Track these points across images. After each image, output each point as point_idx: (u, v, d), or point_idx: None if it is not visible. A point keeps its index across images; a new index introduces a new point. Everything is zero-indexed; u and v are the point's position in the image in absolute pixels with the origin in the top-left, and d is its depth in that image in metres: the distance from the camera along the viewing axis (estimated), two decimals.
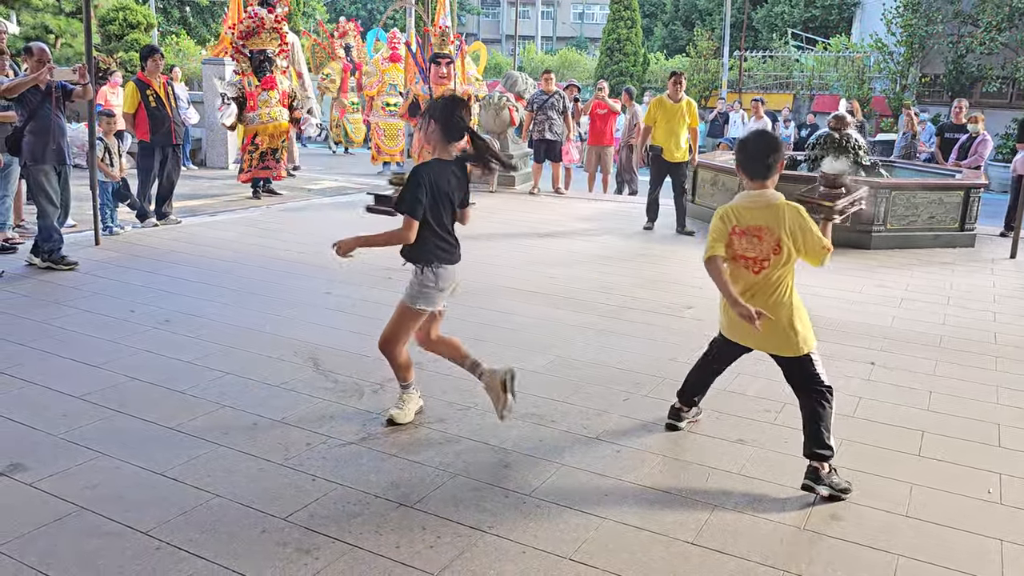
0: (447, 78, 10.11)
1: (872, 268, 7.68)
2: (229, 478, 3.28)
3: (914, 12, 21.09)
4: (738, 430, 3.90)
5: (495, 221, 9.74)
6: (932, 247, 8.73)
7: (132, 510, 3.02)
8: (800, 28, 29.15)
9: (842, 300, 6.42)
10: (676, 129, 9.02)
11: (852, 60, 23.05)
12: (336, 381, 4.36)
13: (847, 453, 3.68)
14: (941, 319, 5.99)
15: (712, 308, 6.03)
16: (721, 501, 3.23)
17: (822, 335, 5.44)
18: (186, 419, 3.82)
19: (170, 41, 25.91)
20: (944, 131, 11.31)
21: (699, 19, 33.34)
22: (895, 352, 5.17)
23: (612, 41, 26.31)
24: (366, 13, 41.53)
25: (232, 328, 5.20)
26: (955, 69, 20.67)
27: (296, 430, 3.74)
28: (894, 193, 8.61)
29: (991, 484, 3.44)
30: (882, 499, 3.28)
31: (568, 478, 3.38)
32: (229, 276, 6.53)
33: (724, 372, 3.87)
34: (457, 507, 3.11)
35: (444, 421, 3.90)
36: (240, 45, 10.61)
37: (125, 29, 18.92)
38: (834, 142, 9.47)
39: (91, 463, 3.37)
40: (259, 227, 8.83)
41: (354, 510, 3.07)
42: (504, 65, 27.45)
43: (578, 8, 52.58)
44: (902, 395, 4.43)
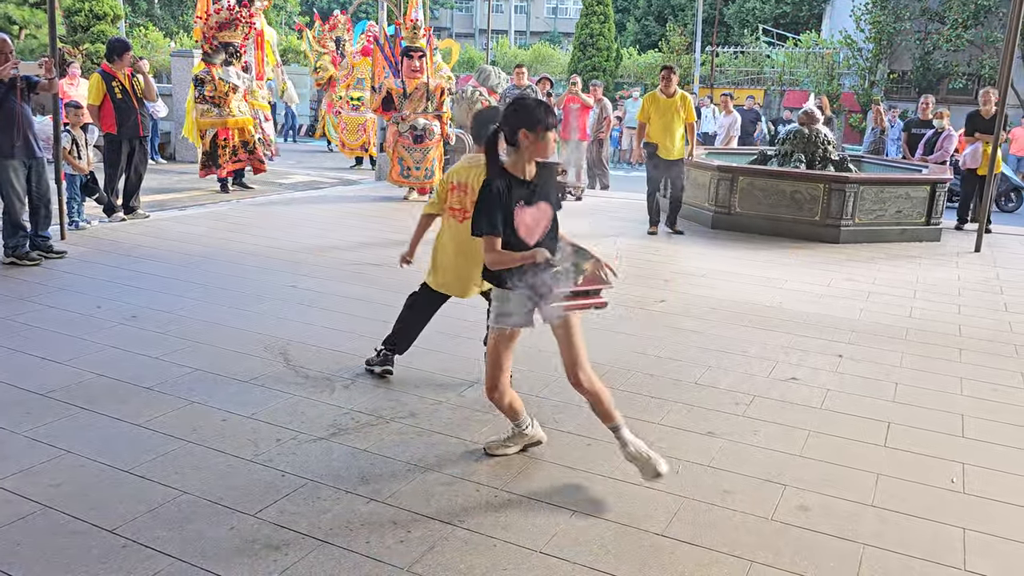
0: (420, 71, 10.05)
1: (840, 262, 7.77)
2: (197, 475, 3.24)
3: (882, 9, 21.35)
4: (708, 423, 3.93)
5: None
6: (899, 241, 8.85)
7: (98, 508, 2.98)
8: (771, 24, 29.38)
9: (811, 293, 6.49)
10: (671, 125, 8.69)
11: (822, 56, 23.28)
12: (307, 376, 4.33)
13: (815, 444, 3.72)
14: (908, 312, 6.08)
15: (683, 301, 6.08)
16: (691, 493, 3.25)
17: (791, 328, 5.51)
18: (154, 415, 3.77)
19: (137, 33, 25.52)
20: (911, 127, 11.46)
21: (671, 15, 33.48)
22: (862, 344, 5.24)
23: (585, 36, 26.32)
24: (337, 6, 41.17)
25: (200, 323, 5.14)
26: (922, 65, 20.97)
27: (266, 426, 3.71)
28: (862, 188, 8.71)
29: (955, 473, 3.50)
30: (849, 489, 3.32)
31: (539, 471, 3.39)
32: (197, 271, 6.46)
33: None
34: (428, 501, 3.11)
35: (416, 416, 3.89)
36: (211, 36, 10.51)
37: (91, 20, 18.62)
38: (803, 137, 9.57)
39: (56, 461, 3.32)
40: (228, 221, 8.74)
41: (324, 505, 3.05)
42: (477, 59, 27.38)
43: (551, 3, 52.57)
44: (869, 387, 4.49)
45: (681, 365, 4.72)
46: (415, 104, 10.17)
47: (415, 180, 10.44)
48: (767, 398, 4.27)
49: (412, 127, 10.19)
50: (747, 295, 6.35)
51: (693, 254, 7.99)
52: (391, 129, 10.41)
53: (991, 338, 5.51)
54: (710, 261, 7.65)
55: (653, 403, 4.15)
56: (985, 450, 3.75)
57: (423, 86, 10.13)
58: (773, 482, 3.36)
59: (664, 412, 4.04)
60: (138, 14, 31.09)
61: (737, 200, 9.15)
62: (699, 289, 6.55)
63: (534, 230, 3.10)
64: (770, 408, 4.14)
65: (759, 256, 7.88)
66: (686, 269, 7.34)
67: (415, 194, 10.68)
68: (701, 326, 5.50)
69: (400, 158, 10.37)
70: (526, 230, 3.07)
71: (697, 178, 9.60)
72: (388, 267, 6.79)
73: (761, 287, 6.63)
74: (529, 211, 3.09)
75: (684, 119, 8.75)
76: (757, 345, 5.14)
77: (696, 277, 7.02)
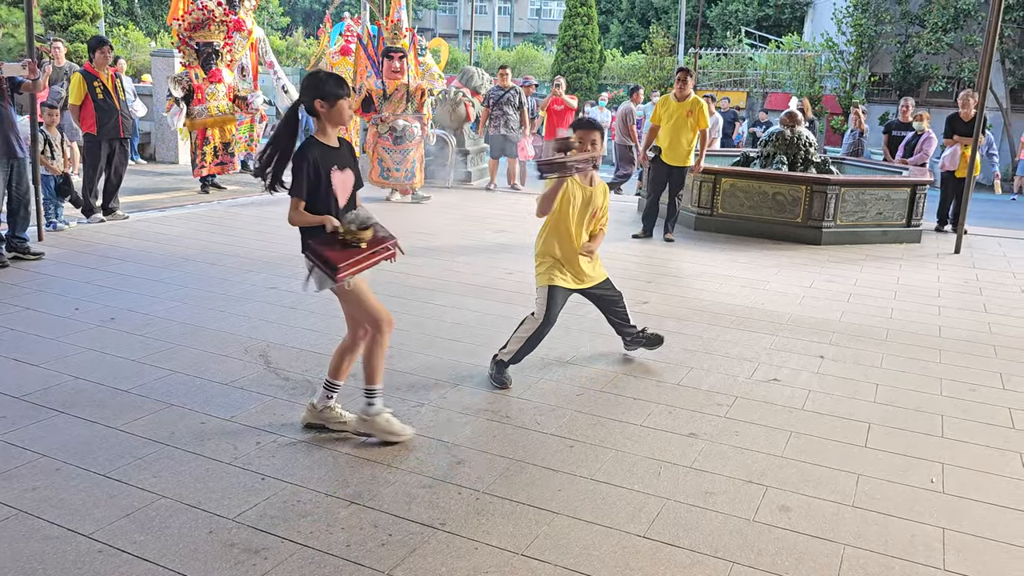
0: (400, 72, 10.02)
1: (822, 263, 7.81)
2: (175, 479, 3.21)
3: (863, 12, 21.52)
4: (690, 424, 3.94)
5: (451, 217, 9.70)
6: (880, 243, 8.91)
7: (74, 513, 2.93)
8: (754, 26, 29.56)
9: (793, 295, 6.52)
10: (678, 130, 8.30)
11: (804, 59, 23.43)
12: (287, 378, 4.29)
13: (796, 445, 3.73)
14: (888, 313, 6.12)
15: (666, 302, 6.09)
16: (672, 494, 3.25)
17: (773, 329, 5.53)
18: (131, 419, 3.73)
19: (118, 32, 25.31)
20: (891, 129, 11.55)
21: (655, 17, 33.62)
22: (844, 346, 5.27)
23: (569, 37, 26.37)
24: (320, 6, 41.03)
25: (180, 326, 5.09)
26: (903, 68, 21.15)
27: (245, 429, 3.68)
28: (843, 190, 8.77)
29: (934, 473, 3.52)
30: (830, 490, 3.33)
31: (521, 474, 3.37)
32: (177, 272, 6.40)
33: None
34: (409, 504, 3.09)
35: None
36: (187, 37, 10.44)
37: (70, 19, 18.46)
38: (785, 139, 9.62)
39: (31, 465, 3.27)
40: (209, 223, 8.68)
41: (304, 509, 3.03)
42: (461, 61, 27.36)
43: (535, 4, 52.65)
44: (850, 388, 4.52)
45: (663, 366, 4.72)
46: (395, 105, 10.14)
47: (395, 181, 10.42)
48: (749, 399, 4.28)
49: (391, 128, 10.16)
50: (730, 296, 6.37)
51: (676, 256, 8.00)
52: (371, 130, 10.38)
53: (970, 339, 5.55)
54: (693, 263, 7.67)
55: (635, 404, 4.15)
56: (964, 450, 3.78)
57: (403, 87, 10.10)
58: (755, 483, 3.36)
59: (646, 414, 4.04)
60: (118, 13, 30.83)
61: (720, 202, 9.18)
62: (682, 291, 6.56)
63: (343, 193, 3.47)
64: (752, 409, 4.15)
65: (741, 257, 7.91)
66: (669, 271, 7.36)
67: (397, 195, 10.65)
68: (684, 327, 5.51)
69: (380, 159, 10.34)
70: (341, 192, 3.46)
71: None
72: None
73: (744, 288, 6.66)
74: (341, 175, 3.46)
75: (694, 125, 8.30)
76: (739, 346, 5.15)
77: (679, 279, 7.04)
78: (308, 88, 3.42)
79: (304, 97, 3.43)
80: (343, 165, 3.49)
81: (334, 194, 3.43)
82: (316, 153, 3.40)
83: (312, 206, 3.41)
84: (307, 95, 3.41)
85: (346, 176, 3.50)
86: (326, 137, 3.47)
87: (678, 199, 8.69)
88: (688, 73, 8.51)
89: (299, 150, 3.40)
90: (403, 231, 8.65)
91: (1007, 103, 19.98)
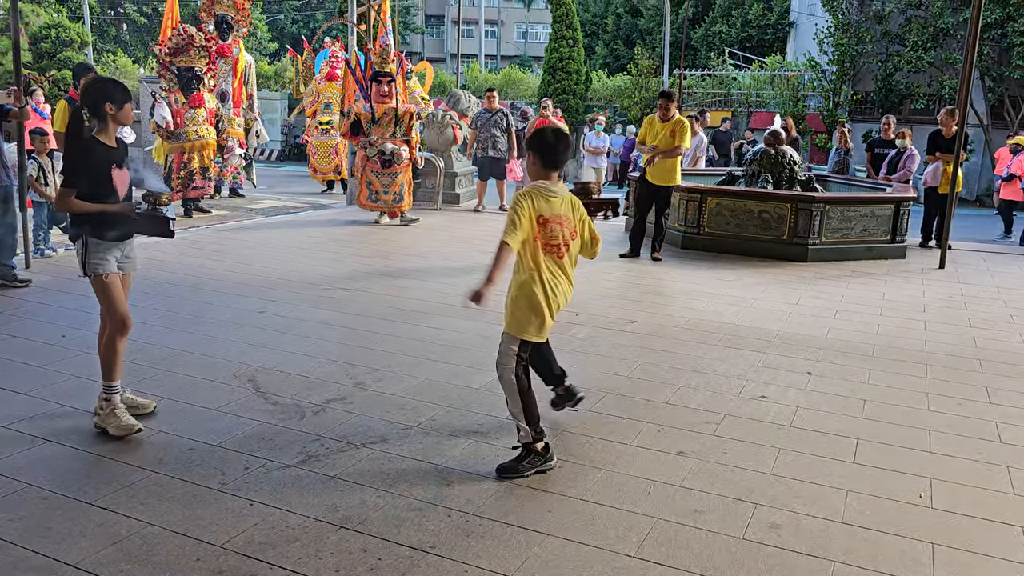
0: (389, 96, 10.08)
1: (808, 280, 7.86)
2: (163, 505, 3.19)
3: (845, 32, 21.78)
4: (679, 443, 3.94)
5: (440, 239, 9.72)
6: (866, 259, 8.99)
7: (60, 542, 2.91)
8: (737, 47, 29.87)
9: (780, 312, 6.56)
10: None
11: (787, 78, 23.66)
12: (276, 403, 4.28)
13: (785, 462, 3.74)
14: (875, 329, 6.16)
15: (654, 321, 6.11)
16: (662, 513, 3.25)
17: (760, 346, 5.55)
18: (119, 446, 3.70)
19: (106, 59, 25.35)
20: (874, 146, 11.67)
21: (639, 38, 33.91)
22: (831, 362, 5.29)
23: (555, 60, 26.56)
24: (308, 32, 41.24)
25: (167, 351, 5.08)
26: (884, 87, 21.39)
27: (234, 454, 3.66)
28: (828, 207, 8.85)
29: (923, 488, 3.54)
30: (819, 506, 3.34)
31: (511, 495, 3.37)
32: (165, 298, 6.39)
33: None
34: (398, 528, 3.08)
35: (386, 441, 3.86)
36: (167, 62, 10.50)
37: (58, 47, 18.49)
38: (770, 158, 9.71)
39: (17, 494, 3.24)
40: (197, 247, 8.67)
41: (293, 534, 3.01)
42: (448, 84, 27.49)
43: (522, 27, 53.07)
44: (837, 404, 4.54)
45: (652, 385, 4.73)
46: (383, 129, 10.19)
47: (384, 204, 10.44)
48: (737, 417, 4.30)
49: (380, 152, 10.20)
50: (717, 314, 6.40)
51: (663, 274, 8.04)
52: (359, 154, 10.42)
53: (956, 353, 5.59)
54: (680, 281, 7.70)
55: (624, 424, 4.15)
56: (952, 464, 3.80)
57: (391, 111, 10.15)
58: (744, 501, 3.37)
59: (635, 433, 4.04)
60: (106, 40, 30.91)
61: (706, 220, 9.25)
62: (670, 309, 6.59)
63: (122, 188, 3.88)
64: (740, 427, 4.16)
65: (728, 275, 7.95)
66: (657, 289, 7.39)
67: (386, 218, 10.67)
68: (672, 346, 5.53)
69: (368, 182, 10.37)
70: (120, 187, 3.86)
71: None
72: (359, 292, 6.77)
73: (731, 306, 6.69)
74: (119, 173, 3.86)
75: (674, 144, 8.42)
76: (727, 364, 5.17)
77: (667, 297, 7.07)
78: (95, 92, 3.80)
79: (88, 100, 3.82)
80: (121, 163, 3.89)
81: (115, 188, 3.84)
82: (100, 151, 3.79)
83: (95, 198, 3.78)
84: (94, 98, 3.79)
85: (123, 174, 3.90)
86: (107, 137, 3.84)
87: (664, 218, 8.74)
88: (669, 98, 8.58)
89: (81, 148, 3.77)
90: (392, 253, 8.68)
91: (987, 119, 20.22)
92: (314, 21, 44.33)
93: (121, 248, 3.96)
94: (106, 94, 3.78)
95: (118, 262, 3.96)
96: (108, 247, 3.88)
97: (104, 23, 33.94)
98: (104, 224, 3.84)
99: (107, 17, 34.72)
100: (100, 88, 3.82)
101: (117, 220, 3.88)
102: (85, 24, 24.63)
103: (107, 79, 3.95)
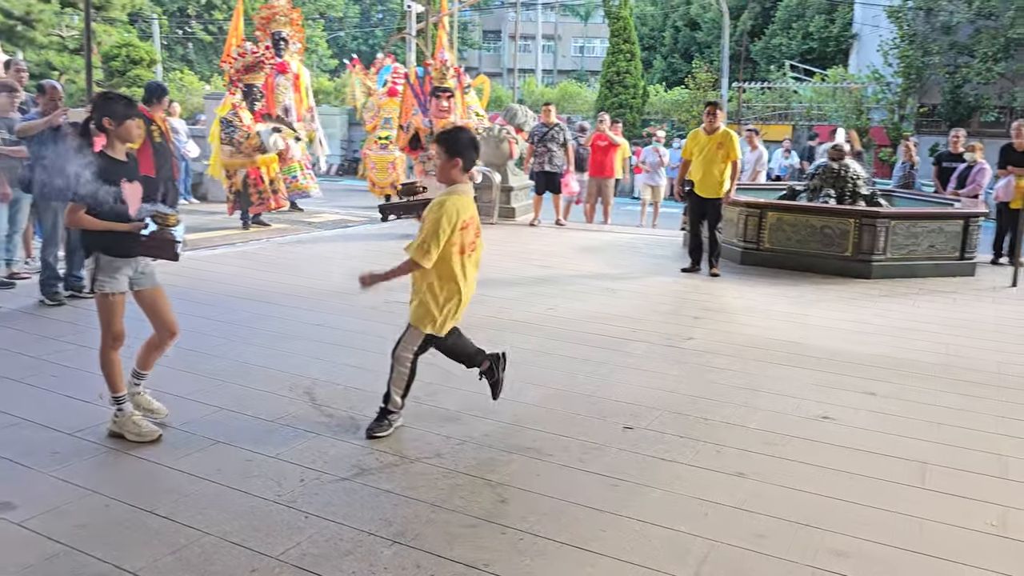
0: (448, 111, 10.16)
1: (873, 298, 7.64)
2: (220, 516, 3.22)
3: (911, 44, 21.28)
4: (739, 463, 3.84)
5: (495, 253, 9.73)
6: (933, 276, 8.70)
7: (121, 549, 2.96)
8: (798, 60, 29.41)
9: (843, 330, 6.38)
10: (709, 162, 8.36)
11: (850, 91, 23.20)
12: (331, 415, 4.31)
13: (850, 486, 3.62)
14: (943, 348, 5.94)
15: (712, 338, 6.00)
16: (721, 536, 3.16)
17: (822, 365, 5.40)
18: (179, 455, 3.77)
19: (173, 76, 26.16)
20: (942, 160, 11.33)
21: (698, 51, 33.67)
22: (897, 382, 5.12)
23: (612, 74, 26.53)
24: (368, 48, 41.99)
25: (227, 362, 5.16)
26: (952, 99, 20.81)
27: (290, 466, 3.69)
28: (894, 222, 8.60)
29: (995, 516, 3.38)
30: (887, 533, 3.22)
31: (565, 513, 3.32)
32: (226, 309, 6.51)
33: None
34: (452, 544, 3.06)
35: (440, 455, 3.85)
36: (237, 79, 10.79)
37: (128, 65, 19.13)
38: (832, 172, 9.49)
39: (81, 501, 3.32)
40: (258, 260, 8.83)
41: (347, 548, 3.01)
42: (505, 98, 27.67)
43: (578, 42, 53.19)
44: (904, 426, 4.38)
45: (710, 403, 4.64)
46: None
47: None
48: (799, 437, 4.18)
49: None
50: (777, 332, 6.26)
51: (722, 290, 7.91)
52: (418, 168, 10.51)
53: None
54: (740, 297, 7.56)
55: (681, 442, 4.07)
56: None
57: (451, 126, 10.22)
58: (808, 526, 3.26)
59: (693, 452, 3.96)
60: (174, 58, 31.91)
61: (766, 236, 9.07)
62: (728, 326, 6.46)
63: (133, 202, 3.85)
64: (802, 448, 4.04)
65: (789, 292, 7.78)
66: (715, 306, 7.27)
67: None
68: (731, 363, 5.42)
69: None
70: (132, 201, 3.84)
71: (725, 214, 9.53)
72: None
73: (791, 323, 6.53)
74: (130, 186, 3.84)
75: (725, 157, 8.34)
76: (788, 383, 5.04)
77: (725, 314, 6.94)
78: (98, 108, 3.86)
79: (94, 115, 3.87)
80: (131, 177, 3.89)
81: (126, 203, 3.83)
82: (105, 166, 3.80)
83: (106, 214, 3.78)
84: (98, 114, 3.84)
85: (135, 187, 3.88)
86: (115, 151, 3.89)
87: (718, 231, 8.65)
88: (716, 107, 8.56)
89: (89, 163, 3.76)
90: None
91: None
92: (373, 38, 45.15)
93: (133, 264, 3.98)
94: (106, 110, 3.84)
95: (132, 279, 4.00)
96: (119, 264, 3.90)
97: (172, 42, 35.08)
98: (114, 239, 3.86)
99: (175, 36, 35.89)
100: (102, 104, 3.89)
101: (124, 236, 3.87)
102: (155, 43, 25.50)
103: (112, 95, 3.99)
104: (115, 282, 3.92)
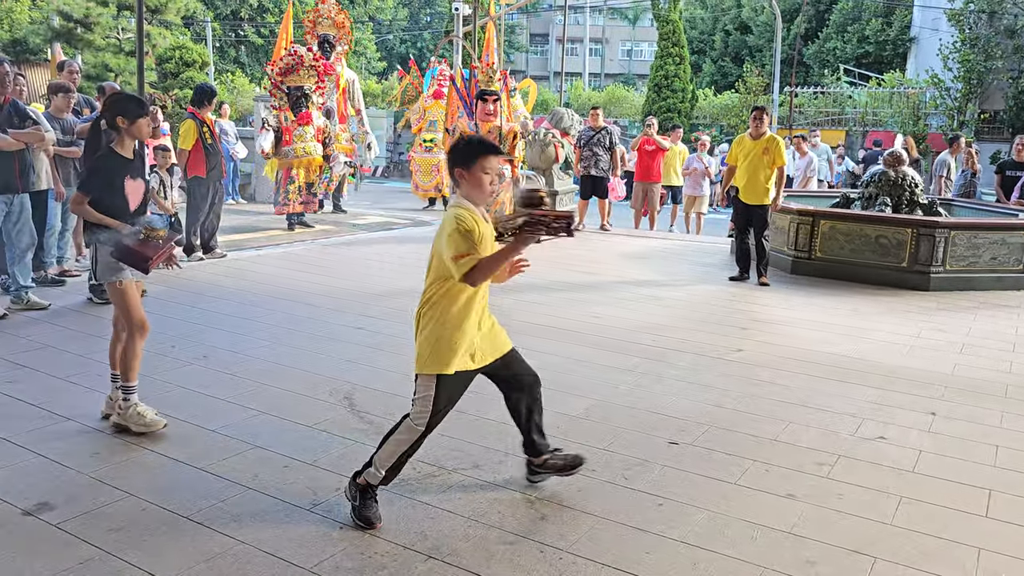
0: (494, 115, 10.09)
1: (931, 311, 7.37)
2: (255, 524, 3.17)
3: (972, 48, 20.67)
4: (789, 484, 3.68)
5: (537, 258, 9.62)
6: (995, 289, 8.37)
7: (155, 556, 2.93)
8: (853, 64, 28.79)
9: (899, 344, 6.14)
10: (755, 169, 8.21)
11: (907, 96, 22.62)
12: (370, 422, 4.25)
13: (907, 512, 3.44)
14: (1007, 367, 5.68)
15: (761, 350, 5.82)
16: (770, 562, 3.02)
17: (878, 381, 5.19)
18: (217, 459, 3.74)
19: (225, 79, 26.61)
20: (1005, 168, 10.93)
21: (749, 55, 33.20)
22: (958, 402, 4.89)
23: (660, 78, 26.25)
24: (416, 51, 42.23)
25: (268, 365, 5.14)
26: (1016, 105, 20.14)
27: (326, 473, 3.63)
28: (953, 233, 8.30)
29: None
30: (947, 565, 3.04)
31: (607, 532, 3.21)
32: (269, 311, 6.51)
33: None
34: (489, 562, 2.96)
35: (479, 467, 3.76)
36: (279, 81, 10.87)
37: (181, 67, 19.47)
38: (889, 180, 9.21)
39: (117, 504, 3.30)
40: (301, 262, 8.86)
41: (381, 561, 2.94)
42: (551, 102, 27.55)
43: (626, 45, 52.83)
44: (967, 449, 4.16)
45: (758, 420, 4.47)
46: None
47: None
48: (853, 459, 3.99)
49: None
50: (829, 345, 6.05)
51: (771, 301, 7.70)
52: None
53: None
54: (789, 308, 7.35)
55: (728, 461, 3.92)
56: None
57: (496, 130, 10.16)
58: (862, 553, 3.10)
59: (740, 471, 3.80)
60: (226, 61, 32.46)
61: (818, 244, 8.83)
62: (778, 338, 6.27)
63: (134, 199, 4.02)
64: (857, 470, 3.86)
65: (842, 304, 7.54)
66: (764, 317, 7.07)
67: None
68: (780, 378, 5.23)
69: None
70: (132, 198, 4.01)
71: (776, 221, 9.30)
72: None
73: (845, 337, 6.31)
74: (133, 183, 4.01)
75: (771, 163, 8.19)
76: (841, 400, 4.85)
77: (774, 325, 6.74)
78: (111, 106, 3.98)
79: (107, 114, 3.99)
80: (135, 175, 4.04)
81: (127, 199, 3.98)
82: (112, 162, 3.96)
83: (106, 207, 3.91)
84: (110, 112, 3.97)
85: (138, 184, 4.06)
86: (123, 148, 4.01)
87: (765, 239, 8.42)
88: (763, 111, 8.44)
89: (98, 157, 3.99)
90: None
91: None
92: (421, 40, 45.42)
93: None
94: (119, 109, 3.97)
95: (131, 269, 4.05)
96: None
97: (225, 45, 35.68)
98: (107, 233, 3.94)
99: (228, 39, 36.50)
100: (115, 103, 4.01)
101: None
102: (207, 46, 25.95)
103: (125, 94, 4.17)
104: (120, 269, 3.98)
